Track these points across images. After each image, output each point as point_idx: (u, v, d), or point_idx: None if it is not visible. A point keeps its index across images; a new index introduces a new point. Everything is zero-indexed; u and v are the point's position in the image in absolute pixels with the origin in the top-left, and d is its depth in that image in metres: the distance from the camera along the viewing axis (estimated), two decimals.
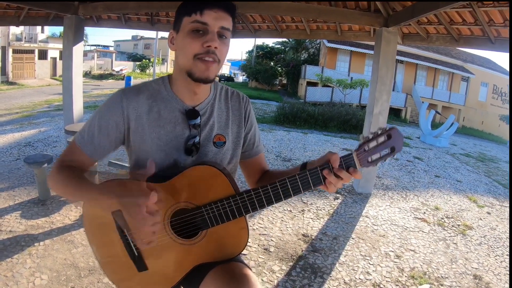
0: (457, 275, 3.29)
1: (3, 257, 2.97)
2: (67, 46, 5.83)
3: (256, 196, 1.10)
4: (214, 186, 1.13)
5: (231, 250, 1.20)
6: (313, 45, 30.33)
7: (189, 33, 1.06)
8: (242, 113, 1.33)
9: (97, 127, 1.16)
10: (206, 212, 1.13)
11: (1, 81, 22.67)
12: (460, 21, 4.51)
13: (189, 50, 1.06)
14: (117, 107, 1.15)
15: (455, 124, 11.72)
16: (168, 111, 1.19)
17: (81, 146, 1.17)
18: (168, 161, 1.19)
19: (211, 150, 1.25)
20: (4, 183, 4.65)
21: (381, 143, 1.03)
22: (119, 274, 1.26)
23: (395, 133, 1.03)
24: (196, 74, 1.08)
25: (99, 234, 1.23)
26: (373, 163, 1.05)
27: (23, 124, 9.21)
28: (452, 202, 5.46)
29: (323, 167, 1.05)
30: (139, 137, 1.18)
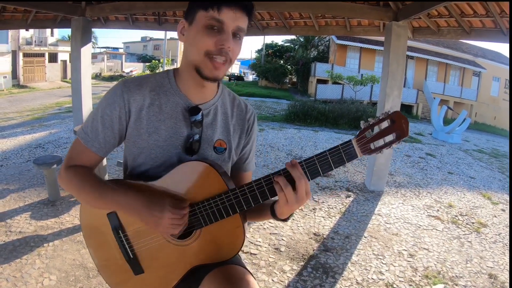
0: (472, 275, 3.20)
1: (13, 258, 2.98)
2: (75, 48, 5.87)
3: (249, 191, 1.05)
4: (206, 183, 1.09)
5: (228, 250, 1.15)
6: (322, 42, 30.19)
7: (204, 29, 1.01)
8: (245, 124, 1.28)
9: (100, 122, 1.11)
10: (198, 210, 1.09)
11: (12, 85, 22.95)
12: (471, 13, 4.43)
13: (201, 46, 1.02)
14: (118, 100, 1.10)
15: (467, 120, 11.55)
16: (170, 105, 1.14)
17: (86, 143, 1.13)
18: (164, 159, 1.15)
19: (211, 155, 1.20)
20: (14, 184, 4.68)
21: (384, 129, 0.97)
22: (115, 277, 1.24)
23: (399, 116, 0.96)
24: (205, 72, 1.05)
25: (96, 237, 1.22)
26: (377, 150, 0.98)
27: (34, 126, 9.31)
28: (465, 199, 5.36)
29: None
30: (136, 131, 1.13)
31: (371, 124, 0.98)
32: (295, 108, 12.79)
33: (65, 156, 1.18)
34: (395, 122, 0.96)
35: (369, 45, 23.12)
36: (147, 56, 45.12)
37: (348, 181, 5.64)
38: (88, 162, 1.16)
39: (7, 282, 2.65)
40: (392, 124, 0.96)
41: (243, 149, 1.31)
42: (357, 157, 0.99)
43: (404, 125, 0.96)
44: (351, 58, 24.83)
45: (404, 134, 0.97)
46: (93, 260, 1.24)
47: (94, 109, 1.15)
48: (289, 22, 6.28)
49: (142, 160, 1.16)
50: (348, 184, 5.49)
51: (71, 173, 1.13)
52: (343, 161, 0.99)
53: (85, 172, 1.13)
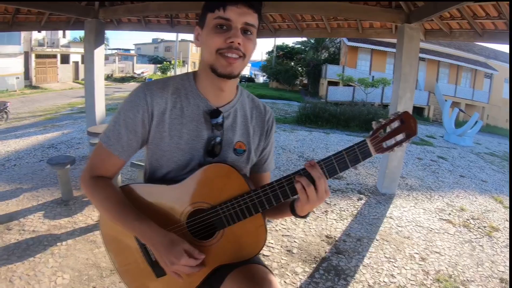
0: (483, 279, 3.18)
1: (26, 256, 3.02)
2: (88, 50, 5.92)
3: (271, 190, 1.08)
4: (228, 184, 1.12)
5: (250, 249, 1.17)
6: (333, 44, 30.14)
7: (213, 29, 1.05)
8: (264, 126, 1.31)
9: (123, 126, 1.12)
10: (221, 211, 1.11)
11: (25, 85, 23.29)
12: (484, 15, 4.39)
13: (212, 45, 1.05)
14: (141, 103, 1.12)
15: (479, 122, 11.44)
16: (191, 108, 1.16)
17: (109, 148, 1.14)
18: (186, 161, 1.17)
19: (231, 157, 1.22)
20: (28, 184, 4.74)
21: (395, 129, 1.03)
22: (137, 281, 1.24)
23: (408, 117, 1.02)
24: (219, 69, 1.07)
25: (117, 241, 1.22)
26: (388, 149, 1.04)
27: (47, 127, 9.42)
28: (477, 203, 5.31)
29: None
30: (159, 134, 1.15)
31: (383, 124, 1.03)
32: (306, 110, 12.77)
33: (88, 161, 1.18)
34: (404, 122, 1.02)
35: (380, 46, 23.01)
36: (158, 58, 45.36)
37: (360, 183, 5.62)
38: (111, 168, 1.17)
39: (21, 281, 2.68)
40: (402, 124, 1.02)
41: (263, 150, 1.33)
42: (371, 156, 1.05)
43: (413, 125, 1.02)
44: (362, 60, 24.71)
45: (413, 133, 1.02)
46: (113, 264, 1.25)
47: (116, 112, 1.15)
48: (301, 24, 6.27)
49: (164, 162, 1.17)
50: (360, 186, 5.47)
51: (94, 185, 1.14)
52: (359, 159, 1.05)
53: (110, 192, 1.14)
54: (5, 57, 21.46)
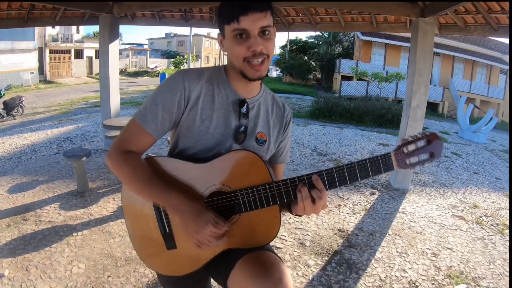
0: (494, 276, 3.14)
1: (42, 246, 3.09)
2: (103, 44, 5.98)
3: (292, 185, 1.14)
4: (252, 172, 1.16)
5: (262, 238, 1.21)
6: (347, 38, 29.96)
7: (233, 39, 1.11)
8: (283, 121, 1.38)
9: (160, 105, 1.17)
10: (241, 196, 1.15)
11: (39, 80, 23.60)
12: (499, 9, 4.34)
13: (237, 54, 1.12)
14: (179, 86, 1.17)
15: (494, 119, 11.25)
16: (222, 97, 1.22)
17: (144, 124, 1.17)
18: (213, 145, 1.22)
19: (253, 146, 1.27)
20: (44, 176, 4.83)
21: (420, 148, 1.07)
22: (147, 249, 1.28)
23: (435, 138, 1.07)
24: (248, 75, 1.14)
25: (135, 208, 1.26)
26: (410, 166, 1.09)
27: (62, 120, 9.55)
28: (491, 200, 5.24)
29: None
30: (191, 117, 1.20)
31: (409, 141, 1.08)
32: (319, 104, 12.71)
33: (117, 138, 1.22)
34: (430, 143, 1.07)
35: (394, 41, 22.79)
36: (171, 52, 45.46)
37: (373, 178, 5.59)
38: (142, 145, 1.21)
39: (37, 269, 2.75)
40: (428, 144, 1.07)
41: (280, 143, 1.40)
42: (393, 169, 1.10)
43: (438, 147, 1.07)
44: (376, 54, 24.52)
45: (437, 155, 1.08)
46: (128, 230, 1.29)
47: (152, 94, 1.20)
48: (315, 18, 6.25)
49: (191, 144, 1.22)
50: (373, 181, 5.45)
51: (123, 159, 1.17)
52: (380, 170, 1.10)
53: (139, 164, 1.17)
54: (19, 53, 21.77)
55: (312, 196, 1.11)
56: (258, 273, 1.09)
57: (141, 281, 2.70)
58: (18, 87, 20.19)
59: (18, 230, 3.35)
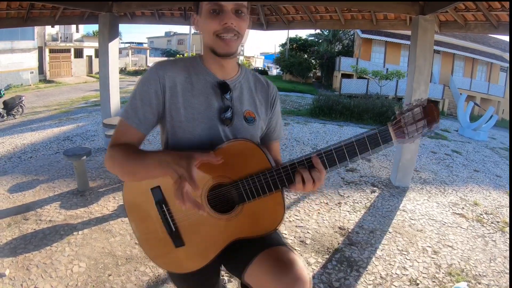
0: (495, 274, 3.14)
1: (43, 245, 3.09)
2: (102, 43, 5.98)
3: (292, 169, 1.15)
4: (250, 160, 1.17)
5: (267, 225, 1.22)
6: (347, 36, 29.92)
7: (208, 14, 1.15)
8: (268, 98, 1.40)
9: (138, 100, 1.20)
10: (242, 186, 1.16)
11: (39, 80, 23.59)
12: (499, 7, 4.33)
13: (209, 29, 1.15)
14: (153, 77, 1.20)
15: (494, 117, 11.24)
16: (201, 82, 1.24)
17: (127, 120, 1.20)
18: (200, 130, 1.23)
19: (243, 125, 1.29)
20: (44, 175, 4.83)
21: (417, 116, 1.05)
22: (156, 250, 1.28)
23: (430, 105, 1.05)
24: (218, 50, 1.17)
25: (138, 211, 1.26)
26: (410, 138, 1.08)
27: (62, 120, 9.55)
28: (491, 198, 5.24)
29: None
30: (174, 106, 1.21)
31: (405, 110, 1.06)
32: (319, 102, 12.71)
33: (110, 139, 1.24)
34: (426, 110, 1.05)
35: (394, 39, 22.77)
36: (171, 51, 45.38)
37: (373, 176, 5.61)
38: (130, 139, 1.22)
39: (38, 269, 2.75)
40: (424, 111, 1.05)
41: (270, 121, 1.42)
42: (391, 141, 1.09)
43: (435, 112, 1.05)
44: (376, 52, 24.49)
45: (434, 121, 1.05)
46: (134, 233, 1.29)
47: (133, 91, 1.23)
48: (314, 16, 6.24)
49: (181, 135, 1.23)
50: (373, 179, 5.45)
51: (115, 149, 1.19)
52: (379, 145, 1.09)
53: (129, 147, 1.20)
54: (19, 52, 21.75)
55: (313, 178, 1.12)
56: (276, 269, 1.10)
57: (142, 279, 2.70)
58: (18, 86, 20.18)
59: (18, 230, 3.35)
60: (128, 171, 1.18)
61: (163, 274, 2.79)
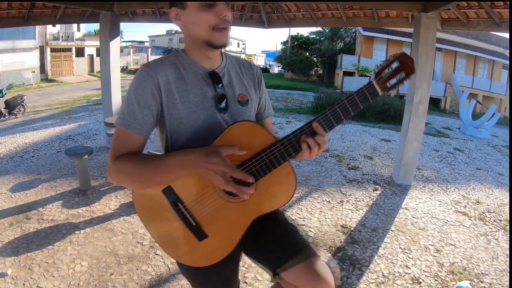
0: (497, 272, 3.13)
1: (45, 245, 3.10)
2: (104, 42, 5.97)
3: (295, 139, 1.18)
4: (254, 139, 1.20)
5: (283, 196, 1.25)
6: (348, 34, 29.84)
7: (200, 8, 1.16)
8: (255, 78, 1.44)
9: (135, 103, 1.18)
10: (253, 165, 1.18)
11: (41, 79, 23.59)
12: (501, 4, 4.30)
13: (205, 22, 1.16)
14: (147, 79, 1.19)
15: (496, 115, 11.20)
16: (191, 76, 1.26)
17: (127, 127, 1.18)
18: (201, 122, 1.24)
19: (238, 109, 1.32)
20: (46, 175, 4.83)
21: (395, 69, 1.14)
22: (181, 249, 1.28)
23: (405, 57, 1.13)
24: (215, 42, 1.19)
25: (154, 216, 1.26)
26: (392, 87, 1.15)
27: (63, 119, 9.55)
28: (493, 196, 5.22)
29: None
30: (171, 103, 1.21)
31: (384, 66, 1.15)
32: (321, 100, 12.69)
33: (109, 151, 1.21)
34: (403, 62, 1.13)
35: (396, 36, 22.70)
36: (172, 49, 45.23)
37: (375, 174, 5.60)
38: (134, 147, 1.20)
39: (40, 268, 2.76)
40: (401, 64, 1.13)
41: (260, 99, 1.48)
42: (378, 95, 1.16)
43: (410, 63, 1.13)
44: (378, 50, 24.40)
45: (411, 71, 1.13)
46: (154, 239, 1.29)
47: (126, 96, 1.22)
48: (316, 14, 6.22)
49: (182, 131, 1.23)
50: (375, 177, 5.44)
51: (121, 162, 1.16)
52: (368, 99, 1.16)
53: (134, 155, 1.18)
54: (20, 52, 21.76)
55: (318, 143, 1.17)
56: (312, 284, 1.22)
57: (144, 278, 2.71)
58: (19, 86, 20.22)
59: (21, 229, 3.36)
60: (141, 180, 1.17)
61: (165, 273, 2.79)
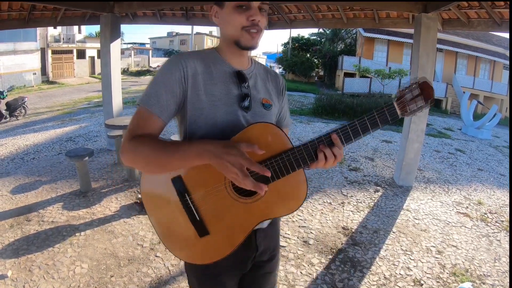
0: (499, 274, 3.12)
1: (45, 246, 3.10)
2: (104, 44, 5.98)
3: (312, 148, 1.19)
4: (272, 141, 1.20)
5: (293, 202, 1.24)
6: (349, 35, 29.84)
7: (235, 9, 1.20)
8: (279, 87, 1.47)
9: (162, 85, 1.20)
10: (267, 166, 1.17)
11: (42, 81, 23.64)
12: (502, 4, 4.30)
13: (237, 23, 1.21)
14: (176, 65, 1.21)
15: (497, 115, 11.19)
16: (219, 72, 1.28)
17: (150, 107, 1.18)
18: (222, 117, 1.25)
19: (261, 111, 1.34)
20: (46, 176, 4.83)
21: (416, 95, 1.16)
22: (181, 243, 1.27)
23: (426, 84, 1.15)
24: (243, 43, 1.23)
25: (159, 204, 1.25)
26: (412, 113, 1.18)
27: (64, 121, 9.56)
28: (495, 197, 5.20)
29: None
30: (195, 94, 1.23)
31: (405, 91, 1.17)
32: (322, 101, 12.71)
33: (126, 129, 1.21)
34: (423, 89, 1.15)
35: (397, 37, 22.70)
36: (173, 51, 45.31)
37: (376, 175, 5.58)
38: (152, 129, 1.20)
39: (40, 270, 2.75)
40: (421, 91, 1.15)
41: (282, 108, 1.49)
42: (398, 117, 1.18)
43: (431, 91, 1.15)
44: (379, 51, 24.40)
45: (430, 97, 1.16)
46: (155, 229, 1.27)
47: (153, 79, 1.23)
48: (317, 15, 6.22)
49: (202, 122, 1.24)
50: (376, 178, 5.43)
51: (136, 142, 1.15)
52: (387, 120, 1.19)
53: (152, 138, 1.18)
54: (22, 54, 21.80)
55: (334, 154, 1.18)
56: None
57: (144, 280, 2.70)
58: (20, 88, 20.25)
59: (21, 231, 3.35)
60: (155, 163, 1.16)
61: (165, 275, 2.78)
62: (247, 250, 1.35)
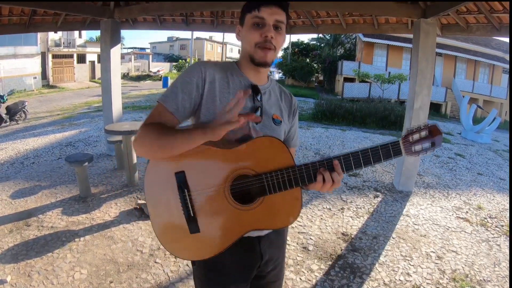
0: (499, 279, 3.12)
1: (44, 252, 3.10)
2: (104, 49, 6.00)
3: (313, 168, 1.24)
4: (276, 156, 1.26)
5: (284, 218, 1.30)
6: (349, 40, 29.90)
7: (251, 26, 1.29)
8: (291, 108, 1.52)
9: (180, 86, 1.27)
10: (266, 179, 1.24)
11: (42, 85, 23.64)
12: (501, 9, 4.31)
13: (251, 40, 1.29)
14: (196, 70, 1.29)
15: (497, 119, 11.19)
16: (236, 83, 1.35)
17: (166, 104, 1.25)
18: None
19: (271, 126, 1.38)
20: (46, 181, 4.83)
21: (423, 137, 1.21)
22: (170, 235, 1.30)
23: (436, 129, 1.20)
24: (256, 59, 1.30)
25: (158, 194, 1.28)
26: (415, 153, 1.22)
27: (64, 125, 9.56)
28: (495, 202, 5.20)
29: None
30: (211, 99, 1.30)
31: (413, 131, 1.22)
32: (322, 106, 12.73)
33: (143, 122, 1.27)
34: (432, 133, 1.21)
35: (396, 42, 22.74)
36: (173, 56, 45.35)
37: (376, 181, 5.58)
38: (165, 122, 1.26)
39: (39, 275, 2.75)
40: (429, 134, 1.21)
41: (291, 128, 1.53)
42: (401, 155, 1.23)
43: (439, 137, 1.21)
44: (378, 56, 24.44)
45: (437, 145, 1.22)
46: (150, 216, 1.30)
47: (174, 81, 1.30)
48: (316, 21, 6.25)
49: None
50: (376, 184, 5.43)
51: (149, 127, 1.22)
52: (390, 156, 1.23)
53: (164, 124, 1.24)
54: (22, 58, 21.84)
55: (333, 179, 1.23)
56: None
57: (143, 286, 2.69)
58: (21, 92, 20.26)
59: (20, 236, 3.35)
60: (163, 144, 1.19)
61: (164, 281, 2.78)
62: (251, 258, 1.38)
